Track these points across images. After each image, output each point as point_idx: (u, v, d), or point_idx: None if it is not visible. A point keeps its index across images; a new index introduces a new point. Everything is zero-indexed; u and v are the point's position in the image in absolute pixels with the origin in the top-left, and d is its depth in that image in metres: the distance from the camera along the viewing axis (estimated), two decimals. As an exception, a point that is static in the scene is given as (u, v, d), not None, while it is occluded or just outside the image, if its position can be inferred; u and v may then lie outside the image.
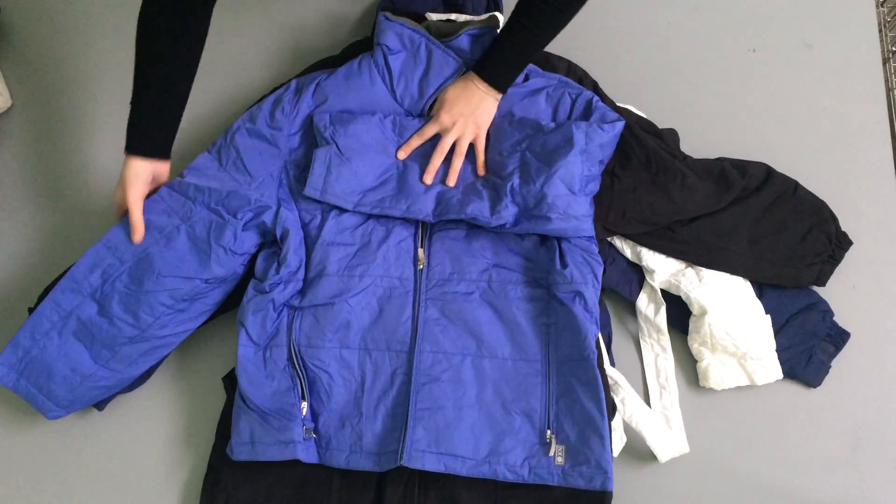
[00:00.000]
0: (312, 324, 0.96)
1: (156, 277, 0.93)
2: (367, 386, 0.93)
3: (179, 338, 0.97)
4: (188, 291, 0.94)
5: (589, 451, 0.88)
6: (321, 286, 0.96)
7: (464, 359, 0.94)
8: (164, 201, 0.98)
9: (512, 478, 0.89)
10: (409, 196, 0.98)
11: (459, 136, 0.99)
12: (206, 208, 0.97)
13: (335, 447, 0.91)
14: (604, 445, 0.88)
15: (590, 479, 0.87)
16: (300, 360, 0.94)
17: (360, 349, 0.95)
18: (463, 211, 0.95)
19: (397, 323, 0.95)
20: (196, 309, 0.96)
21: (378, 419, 0.92)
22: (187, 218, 0.97)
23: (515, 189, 0.96)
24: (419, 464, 0.89)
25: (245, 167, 1.00)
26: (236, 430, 0.91)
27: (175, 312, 0.94)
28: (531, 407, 0.91)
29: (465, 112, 0.98)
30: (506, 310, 0.95)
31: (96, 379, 0.93)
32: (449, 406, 0.91)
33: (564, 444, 0.89)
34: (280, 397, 0.92)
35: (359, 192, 0.98)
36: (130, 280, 0.94)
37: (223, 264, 0.95)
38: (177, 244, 0.95)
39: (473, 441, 0.90)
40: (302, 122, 1.03)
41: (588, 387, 0.90)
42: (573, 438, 0.89)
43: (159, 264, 0.94)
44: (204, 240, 0.96)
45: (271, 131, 1.01)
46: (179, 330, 0.96)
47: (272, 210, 0.98)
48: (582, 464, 0.88)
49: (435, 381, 0.92)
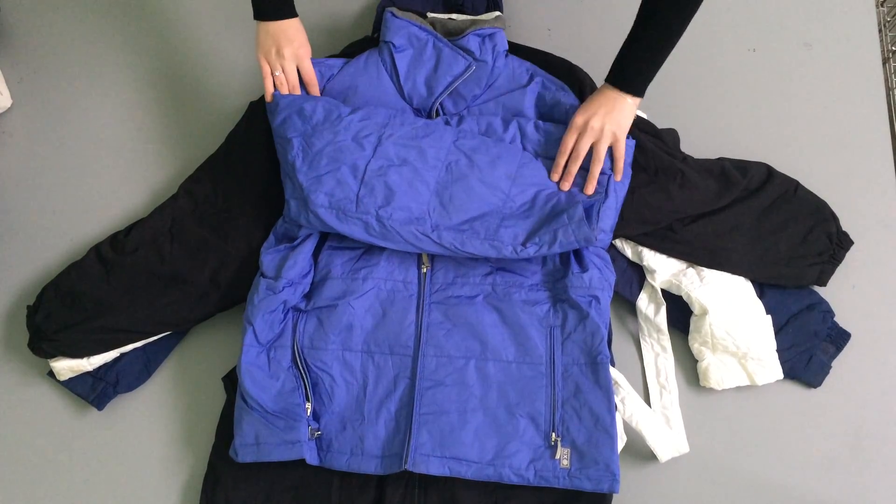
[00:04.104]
0: (316, 326, 0.95)
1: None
2: (368, 389, 0.93)
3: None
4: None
5: (597, 453, 0.88)
6: (325, 289, 0.96)
7: (468, 362, 0.93)
8: None
9: (517, 481, 0.88)
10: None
11: (596, 140, 0.96)
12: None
13: (336, 449, 0.91)
14: (612, 448, 0.88)
15: (597, 482, 0.87)
16: (303, 361, 0.94)
17: (363, 352, 0.95)
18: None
19: (400, 326, 0.95)
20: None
21: (380, 423, 0.92)
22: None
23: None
24: (424, 468, 0.88)
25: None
26: (240, 432, 0.91)
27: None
28: (536, 410, 0.91)
29: (601, 114, 0.95)
30: (510, 313, 0.95)
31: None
32: (453, 410, 0.91)
33: (570, 446, 0.89)
34: (285, 398, 0.92)
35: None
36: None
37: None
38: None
39: (478, 445, 0.90)
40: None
41: (600, 389, 0.90)
42: (581, 441, 0.89)
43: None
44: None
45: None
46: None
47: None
48: (589, 466, 0.88)
49: (439, 384, 0.92)
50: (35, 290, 1.02)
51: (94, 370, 0.99)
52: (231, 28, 1.22)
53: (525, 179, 0.97)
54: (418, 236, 0.93)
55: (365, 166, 0.94)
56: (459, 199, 0.95)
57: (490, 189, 0.95)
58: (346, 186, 0.94)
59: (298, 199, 0.96)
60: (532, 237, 0.93)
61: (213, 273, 0.99)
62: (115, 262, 1.00)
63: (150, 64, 1.21)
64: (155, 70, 1.21)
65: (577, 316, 0.94)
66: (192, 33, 1.23)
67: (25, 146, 1.17)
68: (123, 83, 1.20)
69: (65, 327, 0.97)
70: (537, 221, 0.94)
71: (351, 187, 0.94)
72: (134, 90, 1.19)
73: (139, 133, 1.17)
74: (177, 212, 1.04)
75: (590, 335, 0.92)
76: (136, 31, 1.23)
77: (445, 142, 0.98)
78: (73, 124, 1.18)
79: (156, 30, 1.23)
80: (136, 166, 1.14)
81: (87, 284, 0.99)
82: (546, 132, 1.01)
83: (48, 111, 1.19)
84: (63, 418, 1.02)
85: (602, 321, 0.93)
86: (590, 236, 0.91)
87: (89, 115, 1.18)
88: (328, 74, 1.05)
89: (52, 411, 1.02)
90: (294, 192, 0.97)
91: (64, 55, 1.22)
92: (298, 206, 0.96)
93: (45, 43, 1.23)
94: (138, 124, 1.17)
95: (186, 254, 1.00)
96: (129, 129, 1.17)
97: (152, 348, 1.02)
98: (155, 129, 1.17)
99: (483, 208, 0.95)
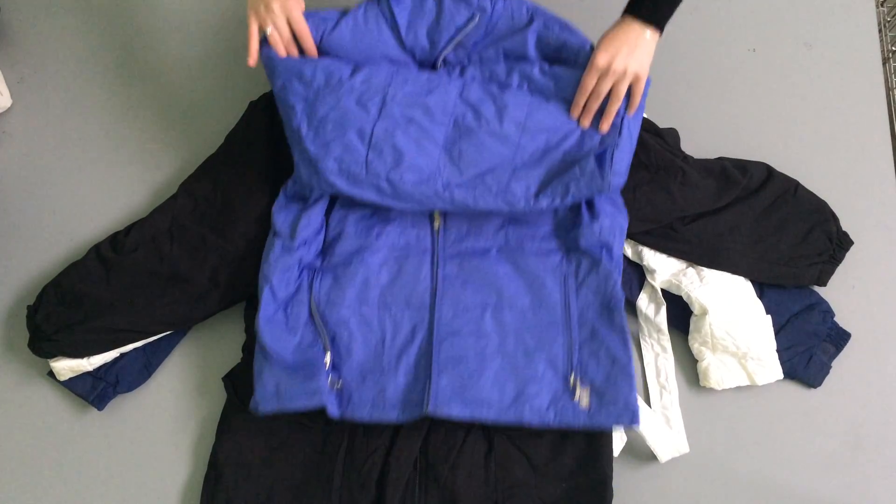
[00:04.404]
0: (332, 283, 0.97)
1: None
2: (387, 341, 0.94)
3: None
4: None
5: (616, 392, 0.90)
6: (339, 246, 0.98)
7: (484, 311, 0.95)
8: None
9: (537, 422, 0.90)
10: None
11: (617, 80, 0.92)
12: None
13: (357, 402, 0.92)
14: (630, 386, 0.90)
15: (617, 418, 0.89)
16: (321, 316, 0.95)
17: (379, 306, 0.96)
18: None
19: (416, 280, 0.97)
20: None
21: (400, 373, 0.93)
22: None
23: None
24: (445, 412, 0.89)
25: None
26: (260, 384, 0.91)
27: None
28: (554, 354, 0.93)
29: (624, 54, 0.91)
30: (524, 263, 0.97)
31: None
32: (472, 357, 0.93)
33: (589, 387, 0.91)
34: (304, 351, 0.93)
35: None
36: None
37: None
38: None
39: (498, 388, 0.91)
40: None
41: (616, 332, 0.93)
42: (599, 381, 0.91)
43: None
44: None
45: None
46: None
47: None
48: (609, 405, 0.89)
49: (456, 334, 0.94)
50: (35, 290, 1.02)
51: (94, 370, 0.99)
52: (231, 28, 1.22)
53: (535, 126, 0.96)
54: (430, 196, 0.94)
55: (371, 129, 0.94)
56: (469, 154, 0.95)
57: (499, 140, 0.95)
58: (354, 151, 0.94)
59: (307, 164, 0.96)
60: (544, 189, 0.93)
61: (212, 272, 0.99)
62: (115, 261, 1.00)
63: (150, 64, 1.21)
64: (155, 70, 1.21)
65: (589, 263, 0.96)
66: (192, 33, 1.23)
67: (25, 146, 1.17)
68: (123, 83, 1.20)
69: (65, 327, 0.97)
70: (549, 172, 0.95)
71: (359, 151, 0.94)
72: (134, 90, 1.20)
73: (139, 133, 1.17)
74: (176, 211, 1.04)
75: (603, 281, 0.95)
76: (135, 31, 1.23)
77: (451, 95, 0.96)
78: (73, 124, 1.18)
79: (156, 30, 1.23)
80: (136, 166, 1.14)
81: (87, 284, 0.99)
82: (555, 76, 0.97)
83: (48, 111, 1.19)
84: (63, 418, 1.02)
85: (614, 267, 0.95)
86: (602, 187, 0.92)
87: (89, 115, 1.18)
88: (323, 28, 0.99)
89: (52, 411, 1.02)
90: (302, 158, 0.97)
91: (64, 55, 1.22)
92: (309, 173, 0.96)
93: (45, 43, 1.23)
94: (138, 124, 1.17)
95: (186, 253, 1.00)
96: (129, 129, 1.17)
97: (152, 348, 1.02)
98: (155, 129, 1.17)
99: (493, 161, 0.95)
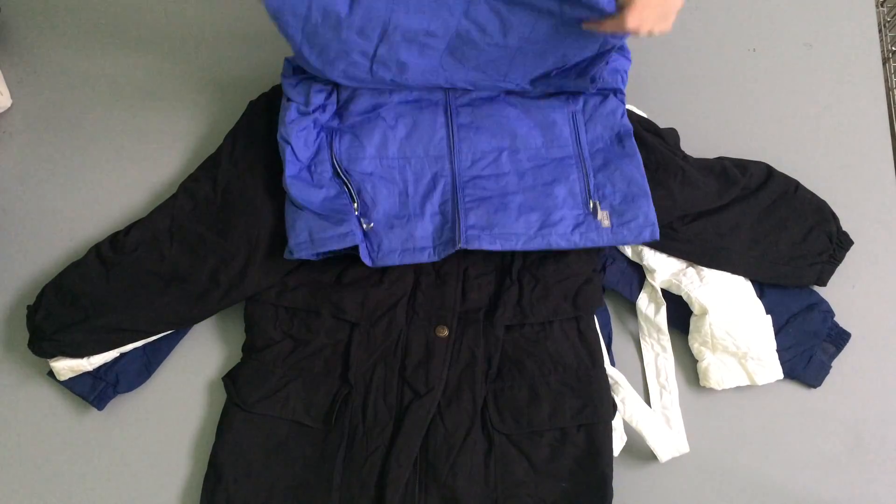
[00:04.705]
0: (351, 140, 1.01)
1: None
2: (410, 190, 1.00)
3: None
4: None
5: (636, 208, 0.96)
6: (355, 104, 1.02)
7: (500, 154, 1.01)
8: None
9: (565, 245, 0.95)
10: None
11: (648, 31, 0.86)
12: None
13: (386, 248, 0.96)
14: (648, 202, 0.96)
15: (638, 233, 0.95)
16: (344, 171, 1.00)
17: (399, 158, 1.01)
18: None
19: (432, 130, 1.02)
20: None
21: (426, 217, 0.98)
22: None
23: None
24: (476, 244, 0.94)
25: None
26: (293, 233, 0.95)
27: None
28: (571, 183, 0.99)
29: (652, 20, 0.85)
30: (531, 106, 1.03)
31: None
32: (495, 196, 0.98)
33: (609, 209, 0.97)
34: (332, 202, 0.97)
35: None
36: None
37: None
38: None
39: (524, 219, 0.96)
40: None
41: (627, 156, 0.99)
42: (618, 202, 0.97)
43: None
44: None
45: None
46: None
47: None
48: (629, 221, 0.95)
49: (477, 177, 1.00)
50: (35, 290, 1.02)
51: (94, 370, 0.99)
52: (231, 28, 1.22)
53: (539, 38, 0.94)
54: (433, 83, 1.01)
55: (374, 51, 0.96)
56: (471, 57, 0.97)
57: (501, 49, 0.97)
58: (358, 66, 0.96)
59: (314, 71, 0.98)
60: (539, 81, 1.01)
61: (212, 272, 0.99)
62: (115, 261, 1.00)
63: (150, 64, 1.21)
64: (154, 70, 1.21)
65: (595, 100, 1.03)
66: (192, 33, 1.23)
67: (25, 146, 1.17)
68: (123, 83, 1.20)
69: (65, 327, 0.97)
70: (547, 70, 0.99)
71: (363, 66, 0.96)
72: (134, 90, 1.19)
73: (139, 133, 1.17)
74: (177, 211, 1.04)
75: (610, 113, 1.02)
76: (135, 31, 1.23)
77: (455, 16, 0.93)
78: (73, 124, 1.18)
79: (156, 30, 1.23)
80: (136, 166, 1.14)
81: (87, 284, 0.99)
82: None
83: (48, 111, 1.19)
84: (63, 418, 1.02)
85: (618, 100, 1.02)
86: (588, 88, 1.00)
87: (89, 115, 1.18)
88: None
89: (52, 411, 1.02)
90: (308, 68, 0.98)
91: (64, 55, 1.22)
92: (318, 71, 0.98)
93: (45, 43, 1.23)
94: (138, 124, 1.17)
95: (186, 253, 1.00)
96: (130, 129, 1.17)
97: (152, 348, 1.02)
98: (155, 129, 1.17)
99: (495, 57, 0.98)
